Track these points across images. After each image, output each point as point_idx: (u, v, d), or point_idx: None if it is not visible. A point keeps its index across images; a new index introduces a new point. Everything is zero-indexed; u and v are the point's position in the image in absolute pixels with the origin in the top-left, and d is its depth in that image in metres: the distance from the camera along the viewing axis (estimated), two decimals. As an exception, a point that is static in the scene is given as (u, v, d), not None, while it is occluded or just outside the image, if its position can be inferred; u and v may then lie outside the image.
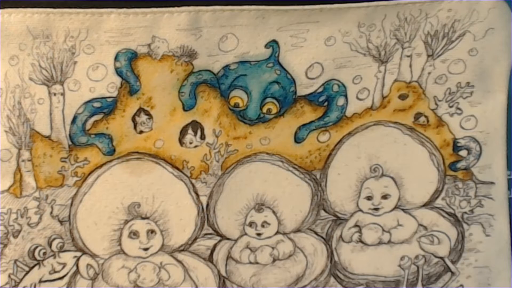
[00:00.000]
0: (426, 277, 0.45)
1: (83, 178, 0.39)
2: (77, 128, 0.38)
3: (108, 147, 0.39)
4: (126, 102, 0.38)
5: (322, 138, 0.41)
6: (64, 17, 0.36)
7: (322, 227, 0.43)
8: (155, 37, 0.37)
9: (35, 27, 0.35)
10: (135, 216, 0.41)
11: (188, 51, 0.37)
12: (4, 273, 0.39)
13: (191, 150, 0.40)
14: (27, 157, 0.38)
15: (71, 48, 0.36)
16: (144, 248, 0.41)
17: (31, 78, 0.37)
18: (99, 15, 0.36)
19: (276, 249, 0.43)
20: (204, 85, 0.39)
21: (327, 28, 0.38)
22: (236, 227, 0.42)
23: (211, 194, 0.41)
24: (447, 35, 0.40)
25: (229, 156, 0.41)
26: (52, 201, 0.39)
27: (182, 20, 0.36)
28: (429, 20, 0.39)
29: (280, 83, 0.39)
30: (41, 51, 0.36)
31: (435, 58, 0.40)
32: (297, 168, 0.41)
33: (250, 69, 0.39)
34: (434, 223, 0.44)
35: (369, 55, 0.40)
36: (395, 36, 0.39)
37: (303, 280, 0.44)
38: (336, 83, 0.40)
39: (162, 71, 0.38)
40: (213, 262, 0.42)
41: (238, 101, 0.39)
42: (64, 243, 0.40)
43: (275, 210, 0.42)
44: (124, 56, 0.37)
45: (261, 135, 0.40)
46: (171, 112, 0.39)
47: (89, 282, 0.41)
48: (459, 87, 0.41)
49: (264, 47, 0.38)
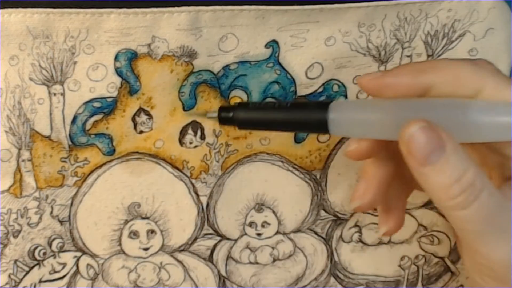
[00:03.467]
0: (426, 277, 0.45)
1: (83, 178, 0.39)
2: (77, 128, 0.38)
3: (108, 147, 0.39)
4: (126, 102, 0.38)
5: (322, 138, 0.41)
6: (64, 17, 0.35)
7: (322, 227, 0.43)
8: (155, 37, 0.37)
9: (35, 27, 0.35)
10: (135, 216, 0.41)
11: (188, 51, 0.37)
12: (4, 273, 0.39)
13: (191, 150, 0.40)
14: (27, 157, 0.38)
15: (71, 48, 0.36)
16: (144, 248, 0.41)
17: (31, 78, 0.37)
18: (99, 15, 0.36)
19: (276, 249, 0.43)
20: (204, 85, 0.39)
21: (327, 28, 0.38)
22: (236, 227, 0.42)
23: (211, 194, 0.41)
24: (447, 35, 0.40)
25: (229, 156, 0.41)
26: (52, 201, 0.39)
27: (182, 20, 0.36)
28: (429, 20, 0.39)
29: (280, 83, 0.39)
30: (41, 51, 0.36)
31: (435, 58, 0.40)
32: (297, 168, 0.41)
33: (250, 69, 0.39)
34: (434, 223, 0.44)
35: (369, 55, 0.40)
36: (395, 36, 0.39)
37: (303, 280, 0.44)
38: (336, 83, 0.40)
39: (162, 71, 0.38)
40: (213, 262, 0.42)
41: (238, 101, 0.39)
42: (64, 243, 0.40)
43: (275, 210, 0.42)
44: (124, 56, 0.37)
45: (261, 135, 0.40)
46: (171, 112, 0.39)
47: (89, 282, 0.41)
48: (459, 87, 0.41)
49: (264, 47, 0.38)
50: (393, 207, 0.37)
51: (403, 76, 0.31)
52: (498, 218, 0.30)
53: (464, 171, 0.29)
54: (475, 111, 0.30)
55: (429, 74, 0.31)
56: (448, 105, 0.30)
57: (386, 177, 0.35)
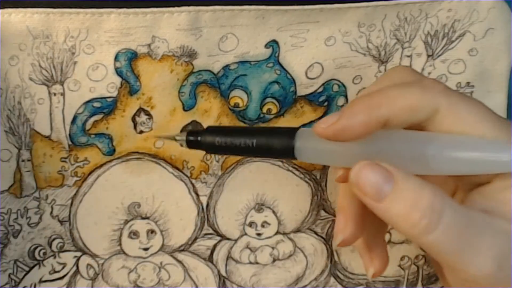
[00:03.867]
0: (426, 277, 0.45)
1: (83, 178, 0.39)
2: (77, 128, 0.38)
3: (108, 147, 0.39)
4: (126, 102, 0.38)
5: (322, 138, 0.41)
6: (64, 17, 0.35)
7: (322, 227, 0.43)
8: (155, 37, 0.37)
9: (35, 27, 0.35)
10: (135, 216, 0.41)
11: (188, 51, 0.37)
12: (4, 273, 0.39)
13: (191, 150, 0.40)
14: (27, 157, 0.38)
15: (71, 48, 0.36)
16: (144, 248, 0.41)
17: (31, 78, 0.37)
18: (99, 15, 0.36)
19: (276, 249, 0.43)
20: (204, 85, 0.39)
21: (327, 28, 0.38)
22: (236, 227, 0.42)
23: (211, 194, 0.41)
24: (447, 35, 0.40)
25: (229, 156, 0.41)
26: (52, 201, 0.39)
27: (182, 20, 0.36)
28: (429, 20, 0.39)
29: (280, 83, 0.39)
30: (41, 51, 0.36)
31: (435, 58, 0.40)
32: (297, 168, 0.41)
33: (250, 69, 0.39)
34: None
35: (369, 55, 0.40)
36: (395, 36, 0.39)
37: (303, 280, 0.44)
38: (336, 83, 0.40)
39: (162, 71, 0.38)
40: (213, 262, 0.42)
41: (238, 101, 0.39)
42: (64, 243, 0.40)
43: (275, 210, 0.42)
44: (124, 56, 0.37)
45: (261, 135, 0.40)
46: (171, 112, 0.39)
47: (89, 282, 0.41)
48: (459, 87, 0.41)
49: (264, 47, 0.38)
50: (374, 245, 0.37)
51: (357, 116, 0.31)
52: (467, 233, 0.29)
53: (419, 196, 0.29)
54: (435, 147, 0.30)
55: (382, 108, 0.31)
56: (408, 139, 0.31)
57: (360, 209, 0.35)
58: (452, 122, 0.31)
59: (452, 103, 0.31)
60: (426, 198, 0.29)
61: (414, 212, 0.29)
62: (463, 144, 0.30)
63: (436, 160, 0.30)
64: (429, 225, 0.29)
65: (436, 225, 0.29)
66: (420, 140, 0.31)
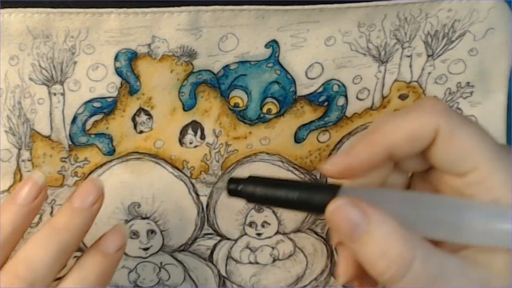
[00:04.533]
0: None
1: (83, 178, 0.39)
2: (77, 128, 0.38)
3: (108, 147, 0.39)
4: (126, 102, 0.38)
5: (322, 138, 0.41)
6: (64, 17, 0.35)
7: (322, 227, 0.43)
8: (155, 37, 0.37)
9: (35, 27, 0.35)
10: (135, 216, 0.41)
11: (188, 51, 0.37)
12: (4, 273, 0.39)
13: (191, 150, 0.40)
14: (27, 157, 0.38)
15: (71, 48, 0.36)
16: (144, 248, 0.41)
17: (31, 78, 0.37)
18: (99, 15, 0.36)
19: (276, 249, 0.43)
20: (204, 85, 0.39)
21: (327, 28, 0.38)
22: (236, 227, 0.42)
23: (211, 194, 0.41)
24: (447, 35, 0.40)
25: (229, 156, 0.41)
26: (52, 201, 0.39)
27: (182, 20, 0.36)
28: (429, 20, 0.39)
29: (280, 83, 0.39)
30: (41, 51, 0.36)
31: (435, 58, 0.40)
32: (297, 168, 0.41)
33: (250, 69, 0.39)
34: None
35: (369, 55, 0.40)
36: (395, 36, 0.39)
37: (303, 280, 0.44)
38: (336, 83, 0.40)
39: (162, 71, 0.38)
40: (213, 262, 0.42)
41: (238, 101, 0.39)
42: (64, 243, 0.40)
43: (275, 210, 0.42)
44: (124, 56, 0.37)
45: (261, 135, 0.40)
46: (171, 112, 0.39)
47: (89, 282, 0.41)
48: (459, 87, 0.41)
49: (264, 47, 0.38)
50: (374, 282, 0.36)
51: (360, 155, 0.32)
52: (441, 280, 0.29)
53: (388, 246, 0.29)
54: (473, 214, 0.30)
55: (384, 143, 0.31)
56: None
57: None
58: (451, 145, 0.31)
59: (452, 124, 0.31)
60: (395, 248, 0.29)
61: (382, 261, 0.29)
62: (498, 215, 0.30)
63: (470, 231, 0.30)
64: (394, 276, 0.29)
65: (403, 276, 0.29)
66: (462, 208, 0.31)
